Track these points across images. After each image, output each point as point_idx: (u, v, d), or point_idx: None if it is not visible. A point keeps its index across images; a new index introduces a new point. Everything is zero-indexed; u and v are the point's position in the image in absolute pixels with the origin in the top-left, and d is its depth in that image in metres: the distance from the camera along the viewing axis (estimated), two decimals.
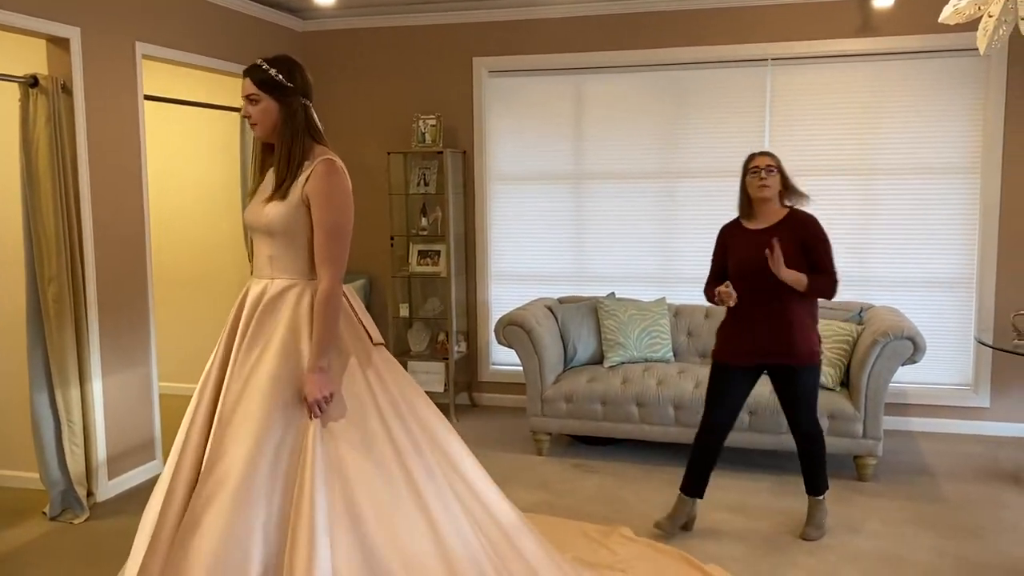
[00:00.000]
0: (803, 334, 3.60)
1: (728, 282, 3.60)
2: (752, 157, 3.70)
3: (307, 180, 2.59)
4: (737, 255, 3.69)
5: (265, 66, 2.64)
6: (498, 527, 2.80)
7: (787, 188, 3.67)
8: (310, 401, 2.50)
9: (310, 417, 2.51)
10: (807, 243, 3.59)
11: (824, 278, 3.58)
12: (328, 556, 2.38)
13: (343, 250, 2.61)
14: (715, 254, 3.84)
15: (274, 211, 2.60)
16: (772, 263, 3.48)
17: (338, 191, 2.59)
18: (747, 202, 3.71)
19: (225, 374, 2.63)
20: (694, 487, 3.84)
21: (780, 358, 3.62)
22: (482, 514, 2.77)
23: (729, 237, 3.77)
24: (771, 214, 3.67)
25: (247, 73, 2.66)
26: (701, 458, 3.82)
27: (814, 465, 3.81)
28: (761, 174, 3.61)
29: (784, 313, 3.58)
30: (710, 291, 3.78)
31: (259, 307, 2.61)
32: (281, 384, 2.53)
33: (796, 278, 3.52)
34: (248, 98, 2.64)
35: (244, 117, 2.71)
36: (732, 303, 3.56)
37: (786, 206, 3.69)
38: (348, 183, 2.64)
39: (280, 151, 2.63)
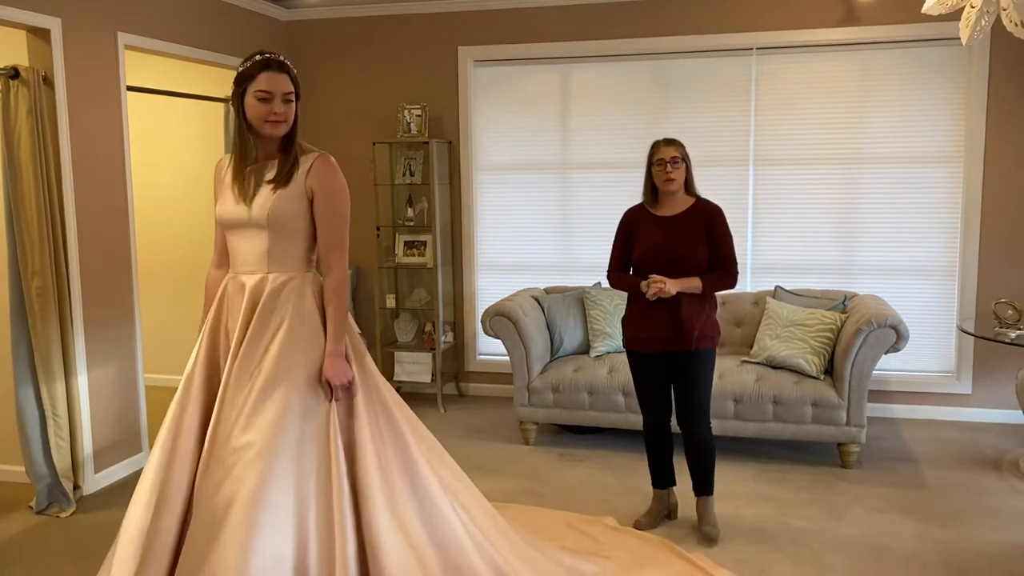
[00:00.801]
0: (701, 321, 3.58)
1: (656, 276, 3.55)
2: (657, 148, 3.61)
3: (308, 174, 2.64)
4: (645, 241, 3.63)
5: (291, 66, 2.68)
6: (487, 513, 2.89)
7: (689, 177, 3.62)
8: (335, 384, 2.56)
9: (330, 400, 2.57)
10: (711, 233, 3.59)
11: (719, 275, 3.59)
12: (354, 540, 2.47)
13: (347, 240, 2.72)
14: (619, 238, 3.75)
15: (276, 204, 2.62)
16: (659, 291, 3.47)
17: (341, 184, 2.70)
18: (652, 191, 3.66)
19: (210, 373, 2.64)
20: (661, 479, 3.86)
21: (678, 344, 3.59)
22: (472, 502, 2.85)
23: (635, 222, 3.70)
24: (677, 203, 3.64)
25: (285, 70, 2.63)
26: (654, 449, 3.83)
27: (703, 469, 3.73)
28: (667, 167, 3.56)
29: (684, 301, 3.54)
30: (617, 277, 3.74)
31: (260, 302, 2.62)
32: (295, 372, 2.56)
33: (691, 286, 3.53)
34: (285, 96, 2.61)
35: (274, 113, 2.59)
36: (672, 291, 3.49)
37: (692, 194, 3.66)
38: None
39: (293, 151, 2.67)
